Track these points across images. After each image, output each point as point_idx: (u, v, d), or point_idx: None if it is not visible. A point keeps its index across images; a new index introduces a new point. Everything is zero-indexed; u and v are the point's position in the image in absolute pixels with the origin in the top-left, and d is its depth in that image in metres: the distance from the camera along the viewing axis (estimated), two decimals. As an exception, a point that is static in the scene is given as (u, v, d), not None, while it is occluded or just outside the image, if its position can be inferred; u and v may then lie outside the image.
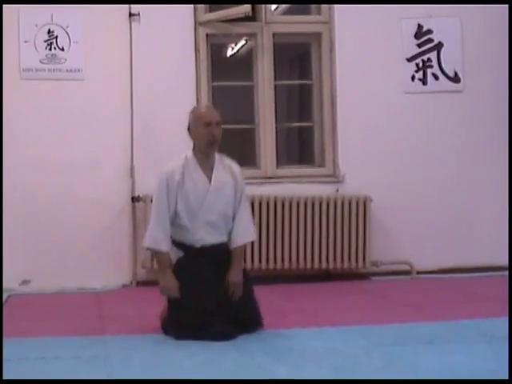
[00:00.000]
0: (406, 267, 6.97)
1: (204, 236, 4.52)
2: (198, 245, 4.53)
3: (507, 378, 3.12)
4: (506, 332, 4.44)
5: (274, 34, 7.02)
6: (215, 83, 7.04)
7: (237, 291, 4.51)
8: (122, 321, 5.11)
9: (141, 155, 6.74)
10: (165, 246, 4.53)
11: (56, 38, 6.57)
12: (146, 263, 6.60)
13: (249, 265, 6.67)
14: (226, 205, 4.55)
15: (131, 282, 6.71)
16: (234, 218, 4.61)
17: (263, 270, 6.73)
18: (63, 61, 6.58)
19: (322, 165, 7.09)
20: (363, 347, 4.07)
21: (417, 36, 7.06)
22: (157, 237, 4.53)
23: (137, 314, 5.38)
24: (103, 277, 6.57)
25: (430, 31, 7.07)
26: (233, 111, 7.52)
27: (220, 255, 4.56)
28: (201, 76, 6.89)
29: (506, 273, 6.94)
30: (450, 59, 7.07)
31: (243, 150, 7.54)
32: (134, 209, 6.72)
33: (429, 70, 7.06)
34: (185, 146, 6.80)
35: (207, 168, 4.61)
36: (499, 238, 7.07)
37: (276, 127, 7.07)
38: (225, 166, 4.67)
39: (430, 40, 7.07)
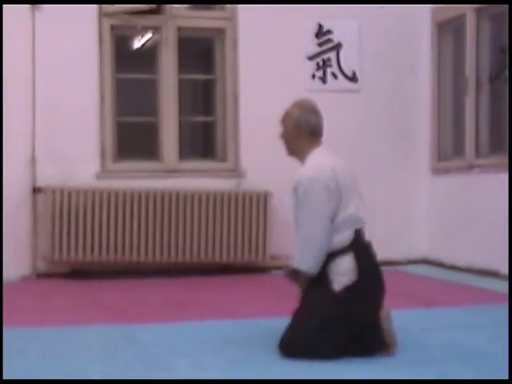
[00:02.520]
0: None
1: None
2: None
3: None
4: (393, 323, 4.65)
5: (178, 28, 7.06)
6: (119, 75, 7.04)
7: None
8: (20, 313, 5.08)
9: (42, 146, 6.68)
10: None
11: (-45, 25, 6.43)
12: (47, 255, 6.57)
13: (150, 258, 6.73)
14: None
15: (31, 274, 6.66)
16: None
17: (164, 263, 6.79)
18: (-37, 48, 6.45)
19: (224, 159, 7.19)
20: (260, 339, 4.17)
21: (317, 35, 7.24)
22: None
23: (35, 306, 5.35)
24: (3, 268, 6.49)
25: (329, 31, 7.26)
26: (137, 104, 7.54)
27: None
28: (104, 67, 6.88)
29: (398, 267, 7.23)
30: (349, 60, 7.28)
31: (146, 143, 7.57)
32: (34, 200, 6.66)
33: (328, 69, 7.25)
34: (87, 138, 6.84)
35: None
36: (391, 235, 7.33)
37: (180, 121, 7.12)
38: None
39: (330, 40, 7.26)
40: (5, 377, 3.36)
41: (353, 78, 7.31)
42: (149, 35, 7.89)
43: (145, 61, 7.50)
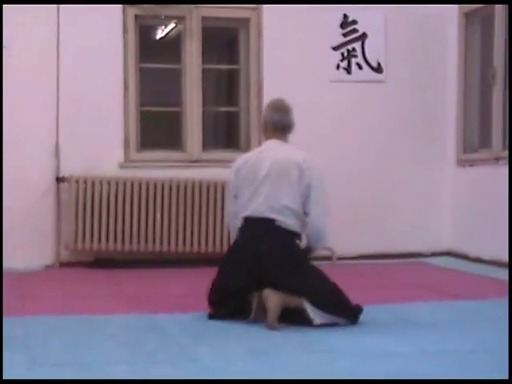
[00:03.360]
0: (327, 253, 7.10)
1: None
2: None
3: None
4: (419, 316, 4.62)
5: (202, 18, 7.04)
6: (143, 65, 7.03)
7: None
8: (44, 301, 5.10)
9: (66, 135, 6.69)
10: None
11: (-19, 14, 6.45)
12: (70, 244, 6.59)
13: (173, 247, 6.71)
14: None
15: (54, 263, 6.68)
16: None
17: (187, 252, 6.79)
18: (-12, 37, 6.47)
19: (247, 150, 7.14)
20: (283, 329, 4.16)
21: (342, 26, 7.19)
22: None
23: (59, 295, 5.37)
24: (26, 257, 6.52)
25: (354, 22, 7.20)
26: (160, 94, 7.53)
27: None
28: (128, 57, 6.87)
29: (422, 259, 7.18)
30: (374, 50, 7.22)
31: (170, 133, 7.56)
32: (58, 189, 6.68)
33: (353, 60, 7.20)
34: (111, 127, 6.85)
35: None
36: (415, 226, 7.30)
37: (203, 111, 7.10)
38: None
39: (355, 30, 7.21)
40: (31, 364, 3.36)
41: (378, 69, 7.25)
42: (172, 25, 7.87)
43: (169, 50, 7.49)
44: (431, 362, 3.52)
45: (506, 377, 3.20)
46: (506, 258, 6.43)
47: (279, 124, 4.68)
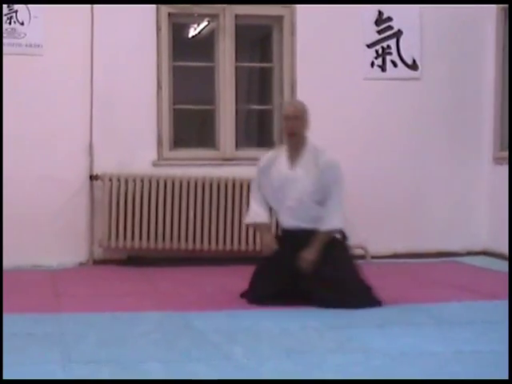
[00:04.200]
0: (360, 252, 7.07)
1: (285, 219, 5.02)
2: (283, 226, 5.09)
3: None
4: (454, 316, 4.57)
5: (236, 16, 7.02)
6: (176, 63, 7.04)
7: (306, 267, 4.83)
8: (78, 299, 5.13)
9: (100, 133, 6.71)
10: (262, 218, 5.04)
11: (16, 12, 6.49)
12: (103, 242, 6.61)
13: (206, 246, 6.71)
14: (301, 193, 4.92)
15: (88, 261, 6.71)
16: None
17: (220, 251, 6.78)
18: (23, 35, 6.52)
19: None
20: (317, 329, 4.14)
21: (377, 23, 7.13)
22: (255, 211, 5.06)
23: (92, 293, 5.39)
24: (60, 255, 6.55)
25: (389, 19, 7.14)
26: (193, 92, 7.53)
27: (299, 240, 4.89)
28: (162, 55, 6.87)
29: (457, 258, 7.10)
30: (409, 47, 7.15)
31: (203, 131, 7.56)
32: (91, 187, 6.70)
33: (388, 57, 7.14)
34: (144, 125, 6.86)
35: (294, 158, 5.02)
36: (450, 225, 7.23)
37: (236, 109, 7.09)
38: (313, 157, 4.98)
39: (390, 27, 7.14)
40: (66, 361, 3.37)
41: (413, 66, 7.17)
42: (205, 23, 7.87)
43: (202, 49, 7.48)
44: (465, 363, 3.47)
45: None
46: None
47: None
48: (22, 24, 6.50)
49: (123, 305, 4.89)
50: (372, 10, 7.10)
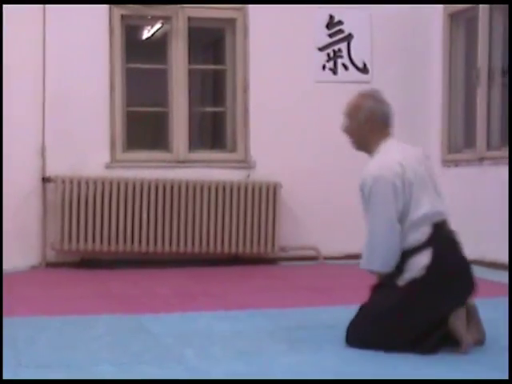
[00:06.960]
0: (312, 253, 7.14)
1: None
2: None
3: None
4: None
5: (189, 18, 7.04)
6: (129, 65, 7.03)
7: None
8: (30, 302, 5.09)
9: (52, 135, 6.68)
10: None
11: (-34, 13, 6.43)
12: (56, 245, 6.58)
13: (159, 248, 6.73)
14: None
15: (40, 264, 6.67)
16: None
17: (173, 253, 6.79)
18: (-26, 37, 6.44)
19: (233, 150, 7.18)
20: (268, 330, 4.17)
21: (328, 26, 7.21)
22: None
23: (45, 296, 5.36)
24: (12, 257, 6.50)
25: (340, 22, 7.23)
26: (147, 94, 7.54)
27: None
28: (115, 57, 6.87)
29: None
30: (360, 51, 7.25)
31: (156, 133, 7.56)
32: (44, 190, 6.67)
33: (339, 60, 7.23)
34: (97, 127, 6.84)
35: None
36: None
37: (189, 111, 7.11)
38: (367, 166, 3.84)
39: (341, 31, 7.23)
40: (17, 365, 3.36)
41: (364, 69, 7.28)
42: (159, 25, 7.87)
43: (155, 51, 7.49)
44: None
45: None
46: (489, 258, 6.47)
47: (390, 118, 4.08)
48: (-26, 26, 6.42)
49: (76, 308, 4.88)
50: (323, 13, 7.19)
